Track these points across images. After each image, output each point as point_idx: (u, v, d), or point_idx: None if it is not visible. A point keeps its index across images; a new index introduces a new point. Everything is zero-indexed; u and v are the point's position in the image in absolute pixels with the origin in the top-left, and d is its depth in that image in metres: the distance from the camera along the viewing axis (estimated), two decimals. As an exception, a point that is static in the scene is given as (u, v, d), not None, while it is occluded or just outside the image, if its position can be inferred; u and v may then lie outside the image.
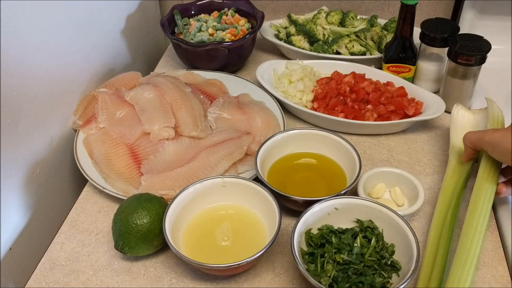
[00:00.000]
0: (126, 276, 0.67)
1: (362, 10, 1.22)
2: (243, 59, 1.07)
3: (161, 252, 0.70)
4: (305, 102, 0.94)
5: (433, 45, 0.92)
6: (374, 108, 0.88)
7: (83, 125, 0.87)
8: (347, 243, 0.63)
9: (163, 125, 0.82)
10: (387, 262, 0.62)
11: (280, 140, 0.80)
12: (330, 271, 0.61)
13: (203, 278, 0.67)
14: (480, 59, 0.86)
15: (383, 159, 0.85)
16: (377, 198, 0.75)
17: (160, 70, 1.09)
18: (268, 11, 1.25)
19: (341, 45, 1.03)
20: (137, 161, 0.80)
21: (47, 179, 0.82)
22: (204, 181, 0.71)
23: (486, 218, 0.65)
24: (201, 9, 1.11)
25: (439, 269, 0.63)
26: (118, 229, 0.66)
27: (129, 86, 0.95)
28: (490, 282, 0.66)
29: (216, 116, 0.89)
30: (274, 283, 0.66)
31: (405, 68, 0.96)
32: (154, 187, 0.74)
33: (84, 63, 0.92)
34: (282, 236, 0.72)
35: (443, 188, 0.74)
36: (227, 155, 0.79)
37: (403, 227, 0.63)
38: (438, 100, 0.89)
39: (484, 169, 0.69)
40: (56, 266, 0.69)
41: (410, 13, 0.90)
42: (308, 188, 0.76)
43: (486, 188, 0.67)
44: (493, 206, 0.74)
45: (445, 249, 0.65)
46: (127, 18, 1.09)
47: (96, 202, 0.78)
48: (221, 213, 0.71)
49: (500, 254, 0.69)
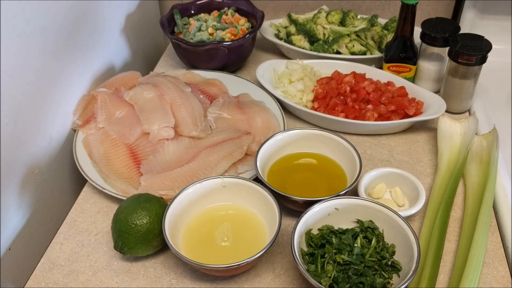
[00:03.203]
0: (126, 277, 0.67)
1: (363, 9, 1.22)
2: (243, 59, 1.07)
3: (160, 253, 0.70)
4: (305, 102, 0.93)
5: (433, 44, 0.92)
6: (374, 108, 0.88)
7: (82, 125, 0.87)
8: (347, 243, 0.63)
9: (162, 125, 0.82)
10: (388, 262, 0.62)
11: (280, 140, 0.79)
12: (331, 271, 0.60)
13: (202, 279, 0.67)
14: (481, 59, 0.86)
15: (383, 159, 0.85)
16: (378, 198, 0.75)
17: (160, 69, 1.09)
18: (268, 11, 1.24)
19: (341, 45, 1.03)
20: (137, 161, 0.80)
21: (46, 179, 0.82)
22: (204, 181, 0.71)
23: (489, 219, 0.67)
24: (201, 9, 1.10)
25: (429, 269, 0.64)
26: (118, 230, 0.66)
27: (129, 85, 0.95)
28: (490, 282, 0.66)
29: (216, 116, 0.88)
30: (274, 284, 0.66)
31: (406, 68, 0.96)
32: (154, 187, 0.74)
33: (83, 63, 0.92)
34: (282, 237, 0.72)
35: (432, 198, 0.75)
36: (227, 155, 0.79)
37: (403, 228, 0.63)
38: (438, 100, 0.89)
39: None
40: (56, 266, 0.69)
41: (411, 13, 0.89)
42: (308, 188, 0.75)
43: (487, 189, 0.68)
44: (493, 206, 0.74)
45: (436, 250, 0.66)
46: (126, 18, 1.09)
47: (96, 203, 0.78)
48: (221, 214, 0.71)
49: (500, 255, 0.69)
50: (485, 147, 0.79)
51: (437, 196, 0.74)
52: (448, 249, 0.70)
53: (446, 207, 0.71)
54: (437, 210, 0.71)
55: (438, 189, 0.76)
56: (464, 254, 0.65)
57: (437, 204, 0.73)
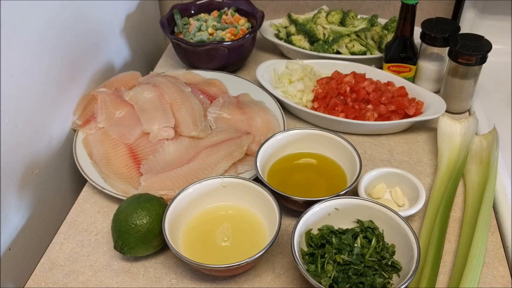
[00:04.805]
0: (126, 277, 0.67)
1: (363, 9, 1.22)
2: (243, 59, 1.07)
3: (160, 253, 0.70)
4: (305, 102, 0.93)
5: (433, 44, 0.92)
6: (374, 108, 0.88)
7: (82, 125, 0.87)
8: (347, 243, 0.63)
9: (162, 125, 0.82)
10: (388, 262, 0.62)
11: (280, 140, 0.79)
12: (331, 271, 0.60)
13: (202, 279, 0.67)
14: (481, 59, 0.86)
15: (383, 159, 0.85)
16: (378, 198, 0.75)
17: (160, 69, 1.09)
18: (268, 11, 1.24)
19: (341, 45, 1.03)
20: (137, 161, 0.80)
21: (46, 179, 0.82)
22: (204, 181, 0.71)
23: (489, 219, 0.67)
24: (200, 9, 1.10)
25: (429, 269, 0.64)
26: (118, 230, 0.66)
27: (129, 85, 0.95)
28: (490, 282, 0.66)
29: (216, 116, 0.88)
30: (274, 284, 0.66)
31: (406, 68, 0.96)
32: (154, 187, 0.74)
33: (83, 63, 0.92)
34: (282, 237, 0.72)
35: (432, 198, 0.75)
36: (227, 155, 0.79)
37: (403, 228, 0.63)
38: (438, 100, 0.89)
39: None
40: (56, 266, 0.69)
41: (411, 13, 0.89)
42: (308, 188, 0.75)
43: (487, 189, 0.68)
44: (493, 206, 0.74)
45: (436, 250, 0.66)
46: (126, 18, 1.09)
47: (96, 202, 0.78)
48: (221, 214, 0.71)
49: (500, 255, 0.69)
50: (485, 147, 0.79)
51: (437, 196, 0.74)
52: (448, 249, 0.70)
53: (446, 207, 0.71)
54: (437, 210, 0.71)
55: (438, 189, 0.76)
56: (464, 254, 0.65)
57: (437, 204, 0.73)
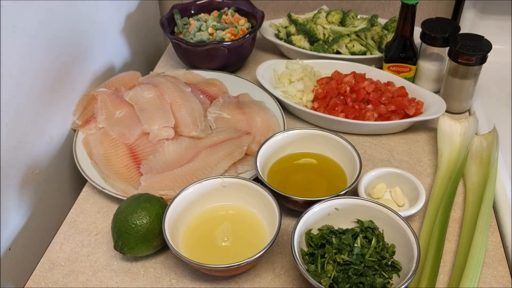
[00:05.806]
0: (126, 277, 0.67)
1: (363, 9, 1.22)
2: (243, 59, 1.07)
3: (160, 253, 0.70)
4: (305, 102, 0.93)
5: (433, 44, 0.92)
6: (374, 108, 0.88)
7: (82, 125, 0.87)
8: (347, 243, 0.63)
9: (162, 125, 0.82)
10: (388, 262, 0.62)
11: (280, 140, 0.79)
12: (331, 271, 0.60)
13: (202, 279, 0.67)
14: (481, 59, 0.86)
15: (383, 159, 0.85)
16: (378, 198, 0.75)
17: (160, 69, 1.09)
18: (268, 11, 1.24)
19: (341, 45, 1.03)
20: (137, 161, 0.80)
21: (46, 179, 0.82)
22: (204, 181, 0.71)
23: (489, 219, 0.67)
24: (201, 9, 1.10)
25: (429, 269, 0.64)
26: (118, 230, 0.66)
27: (129, 86, 0.95)
28: (490, 282, 0.66)
29: (216, 116, 0.88)
30: (274, 284, 0.66)
31: (406, 68, 0.96)
32: (154, 187, 0.74)
33: (83, 63, 0.92)
34: (282, 237, 0.72)
35: (432, 198, 0.75)
36: (227, 155, 0.79)
37: (403, 228, 0.63)
38: (438, 100, 0.89)
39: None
40: (56, 266, 0.69)
41: (411, 13, 0.89)
42: (308, 188, 0.75)
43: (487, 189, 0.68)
44: (493, 206, 0.74)
45: (436, 250, 0.66)
46: (126, 18, 1.09)
47: (96, 203, 0.78)
48: (221, 214, 0.71)
49: (500, 255, 0.69)
50: (485, 147, 0.79)
51: (437, 196, 0.74)
52: (448, 249, 0.70)
53: (446, 207, 0.71)
54: (437, 210, 0.71)
55: (438, 189, 0.76)
56: (464, 254, 0.65)
57: (437, 204, 0.73)
